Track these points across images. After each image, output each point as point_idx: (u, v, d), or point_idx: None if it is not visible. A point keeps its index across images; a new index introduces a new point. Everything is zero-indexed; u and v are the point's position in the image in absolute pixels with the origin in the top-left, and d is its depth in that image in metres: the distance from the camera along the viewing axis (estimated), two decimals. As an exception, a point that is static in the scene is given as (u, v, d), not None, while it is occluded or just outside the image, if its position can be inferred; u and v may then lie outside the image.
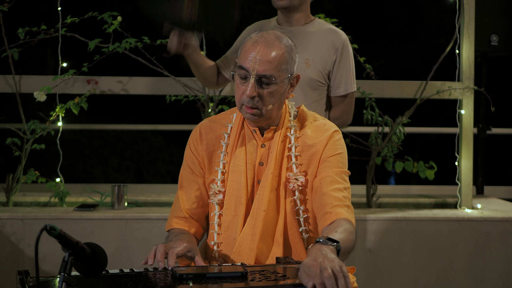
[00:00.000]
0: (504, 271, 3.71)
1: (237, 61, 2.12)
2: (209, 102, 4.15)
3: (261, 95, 2.09)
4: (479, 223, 3.72)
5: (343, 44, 2.99)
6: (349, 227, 1.99)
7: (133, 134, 9.61)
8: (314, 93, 2.96)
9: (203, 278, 1.75)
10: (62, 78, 4.09)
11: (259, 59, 2.06)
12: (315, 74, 2.96)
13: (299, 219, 2.14)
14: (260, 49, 2.07)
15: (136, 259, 3.58)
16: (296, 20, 3.02)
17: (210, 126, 2.25)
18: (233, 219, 2.15)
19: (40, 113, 4.11)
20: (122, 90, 4.23)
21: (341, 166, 2.14)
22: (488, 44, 4.23)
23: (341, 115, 3.08)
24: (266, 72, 2.07)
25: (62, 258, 1.53)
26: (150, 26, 3.06)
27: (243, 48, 2.11)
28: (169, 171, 9.60)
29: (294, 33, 2.99)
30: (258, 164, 2.17)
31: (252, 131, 2.18)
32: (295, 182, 2.13)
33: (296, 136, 2.17)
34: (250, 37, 2.12)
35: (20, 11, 5.06)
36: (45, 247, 3.50)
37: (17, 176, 4.03)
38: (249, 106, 2.09)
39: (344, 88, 3.02)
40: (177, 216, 2.22)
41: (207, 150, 2.22)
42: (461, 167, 4.03)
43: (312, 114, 2.25)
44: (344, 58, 2.99)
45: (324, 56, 2.97)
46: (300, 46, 2.96)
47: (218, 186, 2.17)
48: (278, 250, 2.12)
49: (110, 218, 3.63)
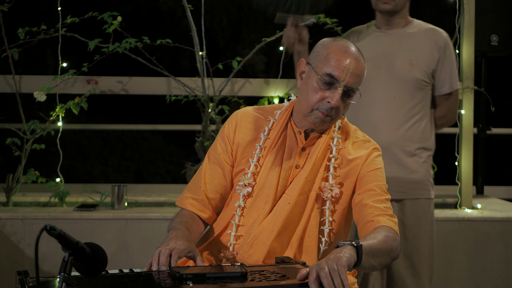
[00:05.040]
0: (504, 271, 3.71)
1: (319, 66, 2.07)
2: (209, 102, 4.15)
3: (339, 105, 2.08)
4: (479, 223, 3.72)
5: (445, 42, 2.99)
6: (386, 232, 1.97)
7: (133, 134, 9.61)
8: (420, 93, 2.96)
9: (203, 278, 1.75)
10: (62, 78, 4.09)
11: (351, 71, 2.06)
12: (420, 74, 2.95)
13: (323, 229, 2.12)
14: (352, 61, 2.06)
15: (136, 259, 3.58)
16: (397, 23, 3.01)
17: (252, 115, 2.22)
18: (258, 215, 2.13)
19: (40, 113, 4.12)
20: (122, 90, 4.23)
21: (381, 179, 2.14)
22: (488, 44, 4.23)
23: (447, 114, 3.05)
24: (354, 85, 2.08)
25: (62, 258, 1.53)
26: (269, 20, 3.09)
27: (330, 54, 2.07)
28: (169, 171, 9.60)
29: (395, 36, 2.99)
30: (295, 167, 2.15)
31: (296, 133, 2.16)
32: (330, 192, 2.12)
33: (338, 147, 2.16)
34: (334, 45, 2.09)
35: (20, 11, 5.06)
36: (45, 247, 3.50)
37: (17, 176, 4.03)
38: (326, 113, 2.08)
39: (449, 86, 3.00)
40: (194, 197, 2.18)
41: (244, 139, 2.19)
42: (461, 167, 4.03)
43: (355, 129, 2.25)
44: (448, 56, 2.99)
45: (427, 56, 2.97)
46: (402, 48, 2.97)
47: (249, 178, 2.15)
48: (290, 253, 2.11)
49: (110, 218, 3.63)
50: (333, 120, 2.12)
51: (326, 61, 2.07)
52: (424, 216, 2.99)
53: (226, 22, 8.83)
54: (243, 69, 4.31)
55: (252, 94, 4.34)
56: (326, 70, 2.06)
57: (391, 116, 2.95)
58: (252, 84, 4.31)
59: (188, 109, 4.93)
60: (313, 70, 2.09)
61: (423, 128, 2.97)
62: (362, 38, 3.08)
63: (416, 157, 2.96)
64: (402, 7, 2.99)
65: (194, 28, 4.14)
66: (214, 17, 8.63)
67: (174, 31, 8.08)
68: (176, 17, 8.35)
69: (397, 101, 2.94)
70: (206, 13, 4.28)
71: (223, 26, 8.85)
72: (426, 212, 2.99)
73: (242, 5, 8.79)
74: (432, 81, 2.99)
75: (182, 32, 6.57)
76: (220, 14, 8.73)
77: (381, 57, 2.99)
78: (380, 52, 3.00)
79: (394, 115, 2.95)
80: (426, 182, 3.00)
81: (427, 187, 3.01)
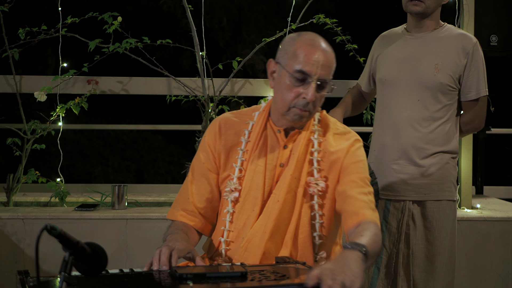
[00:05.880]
0: (504, 271, 3.71)
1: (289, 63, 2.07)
2: (209, 102, 4.15)
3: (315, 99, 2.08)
4: (478, 223, 3.73)
5: (473, 48, 2.96)
6: (376, 230, 1.98)
7: (133, 134, 9.61)
8: (445, 98, 2.94)
9: (203, 278, 1.75)
10: (63, 78, 4.09)
11: (321, 64, 2.05)
12: (445, 79, 2.93)
13: (315, 224, 2.13)
14: (320, 53, 2.06)
15: (136, 259, 3.58)
16: (426, 26, 3.00)
17: (231, 121, 2.23)
18: (248, 219, 2.13)
19: (41, 113, 4.12)
20: (122, 90, 4.24)
21: (363, 171, 2.15)
22: (488, 44, 4.23)
23: (473, 120, 3.02)
24: (326, 77, 2.07)
25: (63, 258, 1.54)
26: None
27: (298, 50, 2.06)
28: (169, 171, 9.60)
29: (424, 39, 2.99)
30: (279, 165, 2.16)
31: (276, 131, 2.17)
32: (316, 186, 2.12)
33: (320, 141, 2.17)
34: (300, 40, 2.08)
35: (20, 11, 5.06)
36: (45, 247, 3.50)
37: (18, 176, 4.03)
38: (303, 109, 2.08)
39: (476, 92, 2.97)
40: (185, 209, 2.19)
41: (225, 145, 2.19)
42: (461, 167, 4.03)
43: (334, 121, 2.25)
44: (475, 61, 2.96)
45: (454, 61, 2.94)
46: (429, 52, 2.95)
47: (235, 183, 2.16)
48: (285, 252, 2.11)
49: (110, 218, 3.63)
50: (311, 114, 2.12)
51: (295, 57, 2.07)
52: (446, 218, 2.95)
53: (226, 22, 8.83)
54: (243, 69, 4.31)
55: (252, 94, 4.35)
56: (297, 67, 2.06)
57: (414, 119, 2.94)
58: (252, 84, 4.31)
59: (188, 109, 4.94)
60: (283, 68, 2.09)
61: (447, 132, 2.95)
62: (391, 41, 3.07)
63: (437, 159, 2.94)
64: (432, 10, 2.97)
65: (194, 28, 4.14)
66: (214, 17, 8.64)
67: (174, 31, 8.08)
68: (176, 17, 8.36)
69: (421, 104, 2.93)
70: (206, 13, 4.29)
71: (223, 26, 8.85)
72: (448, 214, 2.96)
73: (242, 5, 8.80)
74: (458, 87, 2.97)
75: (182, 32, 6.58)
76: (220, 14, 8.73)
77: (407, 60, 2.98)
78: (407, 55, 2.99)
79: (417, 118, 2.94)
80: (448, 183, 2.98)
81: (450, 189, 2.98)
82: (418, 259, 2.92)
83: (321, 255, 2.14)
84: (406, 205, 2.94)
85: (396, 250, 2.94)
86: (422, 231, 2.93)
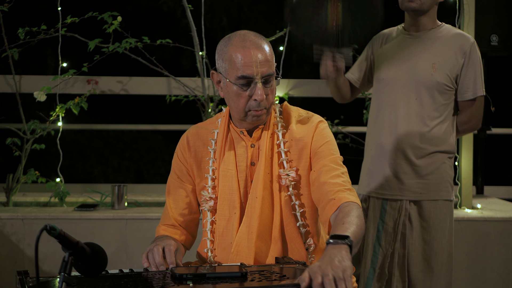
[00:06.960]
0: (504, 271, 3.71)
1: (229, 72, 2.07)
2: (209, 102, 4.15)
3: (266, 94, 2.09)
4: (479, 223, 3.73)
5: (471, 48, 2.96)
6: (356, 211, 1.96)
7: (133, 134, 9.61)
8: (442, 97, 2.94)
9: (203, 278, 1.75)
10: (62, 78, 4.09)
11: (259, 62, 2.05)
12: (442, 78, 2.93)
13: (295, 214, 2.14)
14: (254, 51, 2.05)
15: (136, 259, 3.58)
16: (423, 24, 3.00)
17: (197, 133, 2.25)
18: (227, 224, 2.14)
19: (40, 113, 4.12)
20: (122, 90, 4.24)
21: (334, 152, 2.14)
22: (488, 44, 4.23)
23: (470, 120, 3.03)
24: (269, 71, 2.07)
25: (62, 258, 1.53)
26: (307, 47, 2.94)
27: (232, 56, 2.06)
28: (169, 171, 9.56)
29: (421, 38, 2.99)
30: (250, 165, 2.17)
31: (239, 133, 2.18)
32: (287, 177, 2.13)
33: (283, 132, 2.17)
34: (231, 44, 2.07)
35: (20, 11, 5.06)
36: (45, 247, 3.50)
37: (17, 176, 4.03)
38: (259, 109, 2.09)
39: (473, 92, 2.97)
40: (165, 224, 2.23)
41: (196, 157, 2.22)
42: (461, 167, 4.03)
43: (296, 109, 2.25)
44: (472, 61, 2.96)
45: (451, 60, 2.95)
46: (427, 51, 2.96)
47: (209, 192, 2.18)
48: (276, 247, 2.12)
49: (110, 218, 3.63)
50: (269, 109, 2.12)
51: (232, 64, 2.07)
52: (443, 218, 2.95)
53: (226, 22, 8.83)
54: (243, 69, 4.30)
55: (252, 94, 4.34)
56: (237, 74, 2.06)
57: (411, 118, 2.94)
58: (252, 84, 4.31)
59: (188, 109, 4.93)
60: (225, 78, 2.09)
61: (443, 132, 2.95)
62: (389, 40, 3.07)
63: (434, 158, 2.94)
64: (428, 7, 2.97)
65: (194, 28, 4.14)
66: (214, 17, 8.63)
67: (174, 31, 8.08)
68: (176, 17, 8.35)
69: (418, 103, 2.94)
70: (206, 13, 4.29)
71: (223, 26, 8.85)
72: (444, 214, 2.96)
73: (242, 5, 8.80)
74: (455, 86, 2.97)
75: (182, 32, 6.58)
76: (220, 14, 8.73)
77: (405, 59, 2.98)
78: (404, 54, 2.99)
79: (414, 117, 2.94)
80: (445, 183, 2.98)
81: (447, 189, 2.98)
82: (415, 259, 2.92)
83: (309, 243, 2.15)
84: (402, 205, 2.94)
85: (392, 250, 2.94)
86: (418, 231, 2.93)
